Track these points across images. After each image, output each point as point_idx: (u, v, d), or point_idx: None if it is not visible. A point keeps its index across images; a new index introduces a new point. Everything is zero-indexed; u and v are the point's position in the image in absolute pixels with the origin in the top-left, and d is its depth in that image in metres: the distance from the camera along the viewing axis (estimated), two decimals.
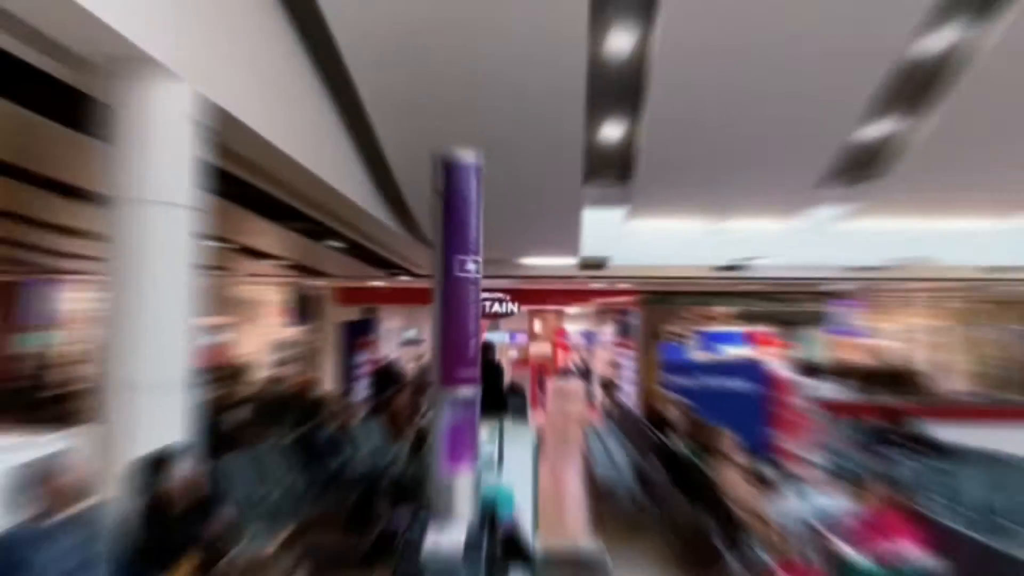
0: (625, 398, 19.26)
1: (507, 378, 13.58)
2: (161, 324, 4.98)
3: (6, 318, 19.67)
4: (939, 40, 7.90)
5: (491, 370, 14.01)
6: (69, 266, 17.71)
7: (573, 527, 8.67)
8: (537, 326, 26.53)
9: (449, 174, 3.04)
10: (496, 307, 20.70)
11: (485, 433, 5.67)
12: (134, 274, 4.93)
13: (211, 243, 14.28)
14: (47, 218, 12.19)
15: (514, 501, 5.39)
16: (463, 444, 3.16)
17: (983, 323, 23.00)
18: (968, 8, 7.51)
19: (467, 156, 3.06)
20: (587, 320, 26.48)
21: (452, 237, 3.05)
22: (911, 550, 3.71)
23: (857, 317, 23.27)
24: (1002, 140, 9.81)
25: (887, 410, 11.93)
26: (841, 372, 19.11)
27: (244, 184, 8.95)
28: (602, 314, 24.11)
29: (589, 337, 26.70)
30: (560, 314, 26.52)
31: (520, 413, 12.81)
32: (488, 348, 15.23)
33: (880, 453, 8.58)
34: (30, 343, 20.11)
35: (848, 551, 3.76)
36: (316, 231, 12.55)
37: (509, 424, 6.07)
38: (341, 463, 8.16)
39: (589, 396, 23.43)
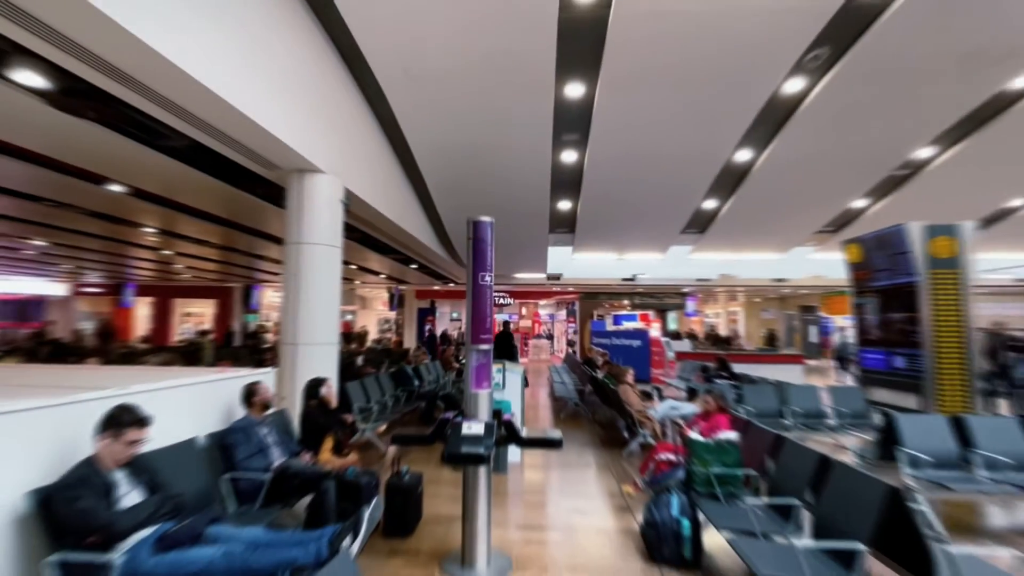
0: (573, 350, 19.24)
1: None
2: (315, 310, 5.05)
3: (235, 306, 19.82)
4: (742, 155, 7.97)
5: (507, 336, 14.24)
6: (267, 277, 17.74)
7: (544, 422, 8.67)
8: (524, 311, 26.45)
9: (476, 228, 3.04)
10: (501, 301, 20.67)
11: (494, 369, 5.69)
12: (302, 283, 5.00)
13: (346, 265, 14.36)
14: (254, 250, 12.22)
15: (511, 407, 5.42)
16: (483, 375, 3.16)
17: (767, 310, 23.03)
18: (755, 139, 7.58)
19: (485, 218, 3.07)
20: (551, 307, 26.41)
21: (476, 262, 3.06)
22: (725, 431, 3.73)
23: (699, 306, 23.31)
24: (774, 209, 9.87)
25: (713, 356, 11.97)
26: (689, 336, 19.12)
27: (364, 232, 9.00)
28: (559, 304, 24.09)
29: (552, 317, 26.67)
30: (536, 304, 26.46)
31: (515, 359, 12.83)
32: (507, 324, 15.60)
33: (709, 379, 8.57)
34: (250, 320, 20.14)
35: (692, 433, 3.76)
36: (404, 258, 12.56)
37: (509, 364, 6.03)
38: (417, 386, 8.18)
39: (551, 350, 23.43)
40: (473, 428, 2.94)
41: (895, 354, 6.23)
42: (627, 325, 21.27)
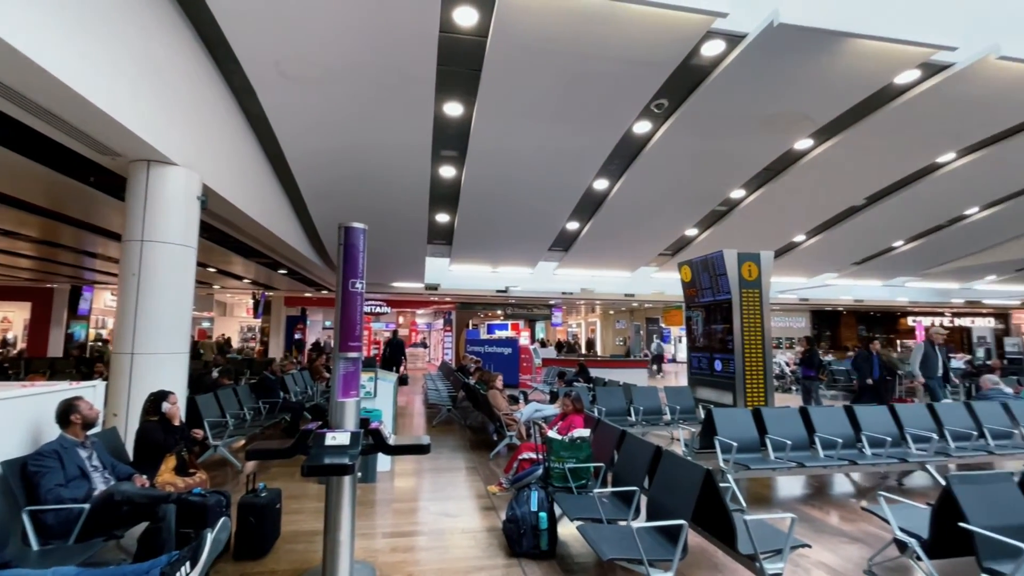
0: (447, 358, 19.16)
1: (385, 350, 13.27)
2: (162, 315, 4.41)
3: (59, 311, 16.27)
4: (600, 184, 8.65)
5: (397, 344, 13.85)
6: (100, 278, 14.98)
7: (418, 429, 8.49)
8: (401, 320, 25.74)
9: (347, 234, 2.89)
10: (377, 309, 19.89)
11: (365, 378, 5.44)
12: (144, 285, 4.33)
13: (203, 267, 12.71)
14: (83, 246, 10.31)
15: (381, 416, 5.20)
16: (350, 384, 2.99)
17: (619, 320, 25.15)
18: (610, 171, 8.29)
19: (357, 224, 2.93)
20: (429, 316, 26.06)
21: (347, 268, 2.91)
22: (579, 429, 3.97)
23: (563, 317, 24.71)
24: (625, 233, 10.83)
25: (573, 362, 12.76)
26: (558, 345, 20.13)
27: (226, 234, 8.09)
28: (437, 313, 23.87)
29: (430, 326, 26.33)
30: (414, 313, 25.92)
31: (391, 367, 12.39)
32: (395, 333, 15.18)
33: (568, 382, 9.05)
34: (78, 328, 16.68)
35: (551, 433, 3.92)
36: (271, 263, 11.51)
37: (381, 372, 5.80)
38: (282, 397, 7.50)
39: (427, 358, 23.12)
40: (338, 438, 2.77)
41: (715, 358, 7.19)
42: (499, 334, 21.83)
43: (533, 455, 4.26)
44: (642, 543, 2.49)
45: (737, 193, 9.31)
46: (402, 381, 15.28)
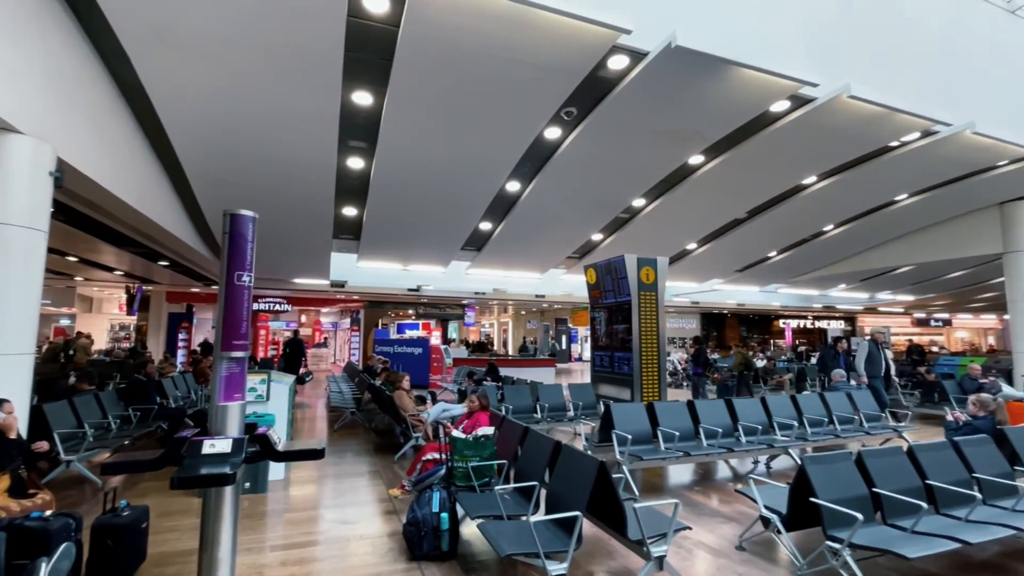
0: (353, 359, 18.37)
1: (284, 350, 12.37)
2: (5, 313, 3.74)
3: None
4: (512, 186, 8.77)
5: (298, 344, 12.96)
6: None
7: (319, 433, 8.02)
8: (304, 319, 24.22)
9: (234, 222, 2.65)
10: (277, 307, 18.51)
11: (257, 380, 5.03)
12: None
13: (62, 256, 11.01)
14: None
15: (274, 420, 4.84)
16: (234, 386, 2.73)
17: (529, 320, 25.72)
18: (523, 174, 8.43)
19: (246, 212, 2.70)
20: (335, 315, 24.80)
21: (233, 260, 2.66)
22: (485, 427, 3.97)
23: (476, 317, 24.75)
24: (536, 235, 11.09)
25: (484, 361, 12.82)
26: (466, 343, 20.10)
27: (92, 218, 7.06)
28: (343, 312, 22.81)
29: (335, 325, 25.07)
30: (318, 312, 24.50)
31: (292, 368, 11.60)
32: (296, 333, 14.17)
33: (478, 382, 9.07)
34: None
35: (455, 432, 3.89)
36: (150, 253, 10.27)
37: (275, 374, 5.40)
38: (158, 403, 6.70)
39: (331, 359, 22.04)
40: (217, 445, 2.51)
41: (616, 357, 7.59)
42: (410, 334, 21.35)
43: (437, 455, 4.19)
44: (539, 537, 2.54)
45: (639, 202, 9.91)
46: (300, 380, 14.38)
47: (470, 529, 3.66)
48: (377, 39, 5.13)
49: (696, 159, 8.22)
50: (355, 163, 7.75)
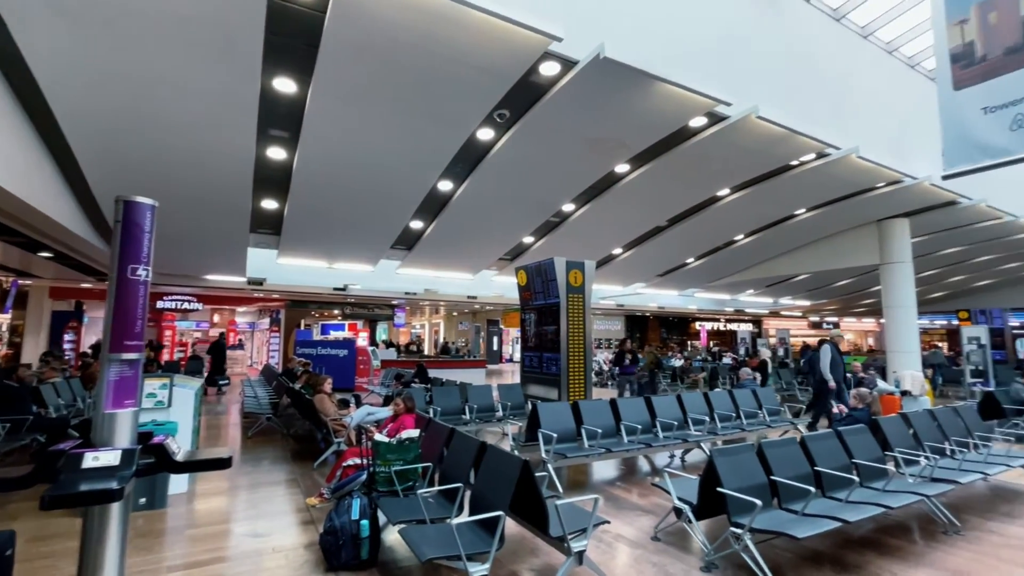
0: (272, 361, 17.31)
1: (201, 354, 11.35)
2: None
3: None
4: (444, 185, 8.68)
5: (220, 347, 12.03)
6: None
7: (231, 441, 7.46)
8: (216, 318, 22.48)
9: (128, 209, 2.41)
10: (186, 305, 17.01)
11: (157, 385, 4.60)
12: None
13: None
14: None
15: (176, 429, 4.45)
16: (124, 392, 2.48)
17: (462, 321, 25.59)
18: (455, 173, 8.38)
19: (144, 200, 2.46)
20: (252, 315, 23.25)
21: (127, 251, 2.42)
22: (410, 430, 3.89)
23: (407, 318, 24.20)
24: (468, 235, 11.06)
25: (413, 362, 12.58)
26: (393, 345, 19.62)
27: None
28: (261, 312, 21.45)
29: (252, 326, 23.50)
30: (233, 311, 22.82)
31: (199, 373, 10.70)
32: (222, 335, 13.09)
33: (406, 384, 8.88)
34: None
35: (377, 436, 3.77)
36: (28, 242, 9.04)
37: (179, 378, 4.95)
38: (35, 412, 5.91)
39: (247, 362, 20.63)
40: (102, 458, 2.25)
41: (545, 357, 7.72)
42: (335, 335, 20.47)
43: (358, 461, 4.04)
44: (461, 539, 2.51)
45: (568, 206, 10.17)
46: (214, 384, 13.33)
47: (394, 536, 3.55)
48: (302, 23, 4.87)
49: (622, 168, 8.57)
50: (276, 153, 7.30)
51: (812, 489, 3.36)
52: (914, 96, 9.53)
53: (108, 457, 2.28)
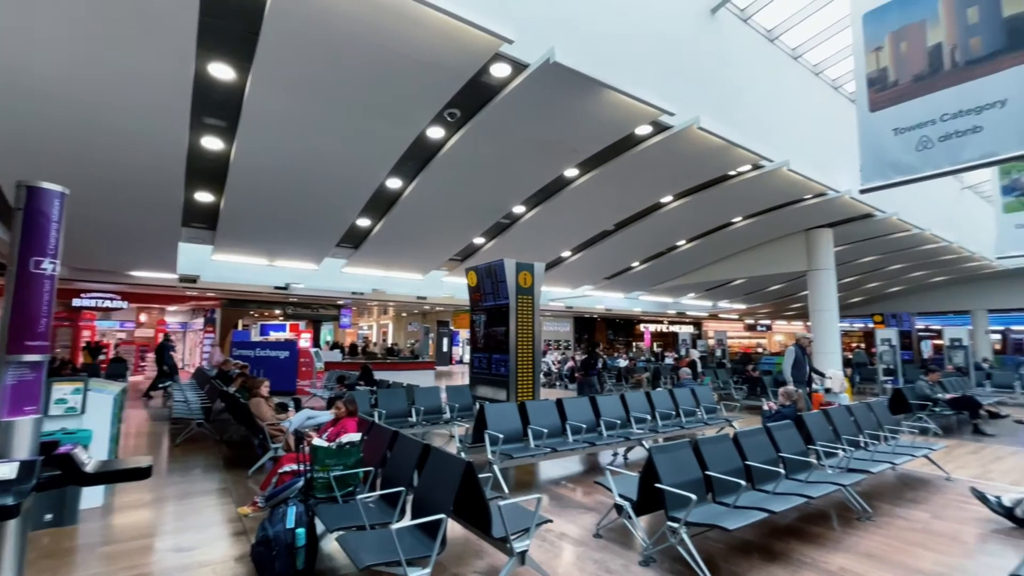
0: (207, 363, 16.29)
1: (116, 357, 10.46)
2: None
3: None
4: (393, 182, 8.50)
5: (163, 348, 11.30)
6: None
7: (157, 449, 6.94)
8: (143, 318, 20.90)
9: (32, 196, 2.19)
10: (108, 303, 15.71)
11: (70, 389, 4.21)
12: None
13: None
14: None
15: (90, 438, 4.09)
16: (27, 397, 2.26)
17: (411, 323, 25.17)
18: (404, 171, 8.23)
19: (51, 186, 2.24)
20: (185, 315, 21.82)
21: (31, 242, 2.21)
22: (351, 433, 3.77)
23: (354, 318, 23.50)
24: (418, 235, 10.88)
25: (358, 364, 12.21)
26: (340, 347, 19.01)
27: None
28: (195, 311, 20.17)
29: (185, 326, 22.05)
30: (162, 310, 21.31)
31: (122, 376, 9.90)
32: (167, 337, 12.20)
33: (350, 387, 8.62)
34: None
35: (316, 440, 3.63)
36: None
37: (96, 382, 4.55)
38: None
39: (180, 364, 19.33)
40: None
41: (494, 359, 7.71)
42: (276, 336, 19.59)
43: (296, 467, 3.86)
44: (402, 544, 2.45)
45: (519, 208, 10.23)
46: (153, 388, 12.36)
47: (332, 544, 3.42)
48: (241, 7, 4.62)
49: (571, 172, 8.72)
50: (212, 143, 6.89)
51: (743, 483, 3.54)
52: (838, 115, 10.30)
53: (3, 470, 2.06)
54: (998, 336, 25.27)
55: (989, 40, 4.08)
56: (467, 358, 23.67)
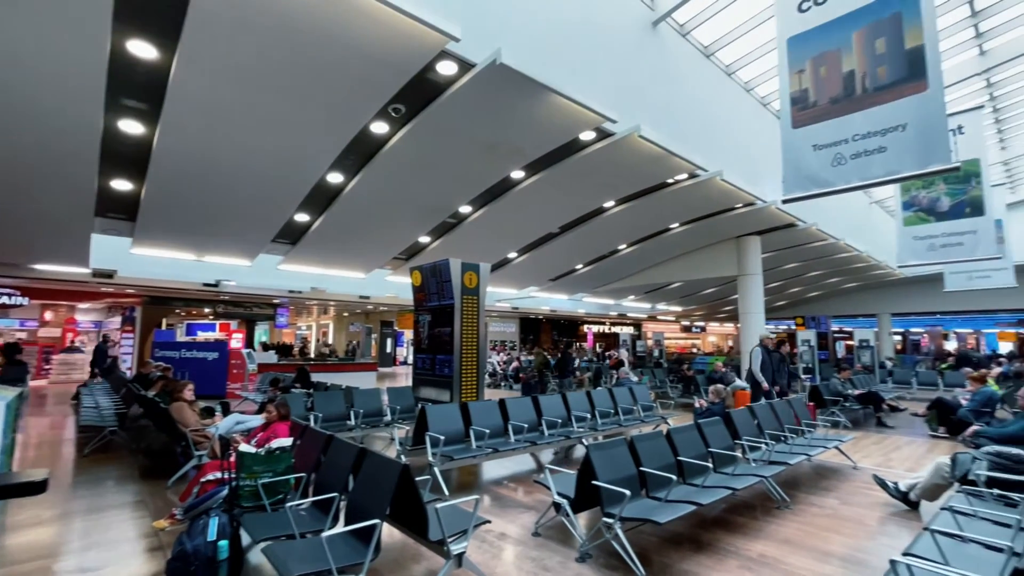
0: (125, 365, 15.03)
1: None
2: None
3: None
4: (334, 177, 8.21)
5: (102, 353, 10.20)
6: None
7: (61, 461, 6.30)
8: (49, 316, 18.95)
9: None
10: (5, 299, 14.12)
11: None
12: None
13: None
14: None
15: None
16: None
17: (353, 323, 24.41)
18: (346, 166, 7.97)
19: None
20: (99, 312, 19.98)
21: None
22: (282, 438, 3.59)
23: (291, 318, 22.44)
24: (360, 232, 10.58)
25: (295, 366, 11.68)
26: (273, 347, 18.12)
27: None
28: (111, 309, 18.53)
29: (99, 325, 20.20)
30: (72, 308, 19.40)
31: (21, 381, 8.91)
32: (105, 338, 10.93)
33: (284, 389, 8.24)
34: None
35: (243, 446, 3.42)
36: None
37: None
38: None
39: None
40: None
41: (438, 359, 7.61)
42: (205, 336, 18.39)
43: (221, 475, 3.63)
44: (333, 552, 2.36)
45: (465, 208, 10.17)
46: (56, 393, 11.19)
47: (260, 556, 3.24)
48: None
49: (518, 174, 8.77)
50: (131, 127, 6.35)
51: (674, 477, 3.69)
52: (765, 130, 11.02)
53: None
54: (899, 337, 28.01)
55: (893, 69, 4.50)
56: (412, 359, 23.25)
